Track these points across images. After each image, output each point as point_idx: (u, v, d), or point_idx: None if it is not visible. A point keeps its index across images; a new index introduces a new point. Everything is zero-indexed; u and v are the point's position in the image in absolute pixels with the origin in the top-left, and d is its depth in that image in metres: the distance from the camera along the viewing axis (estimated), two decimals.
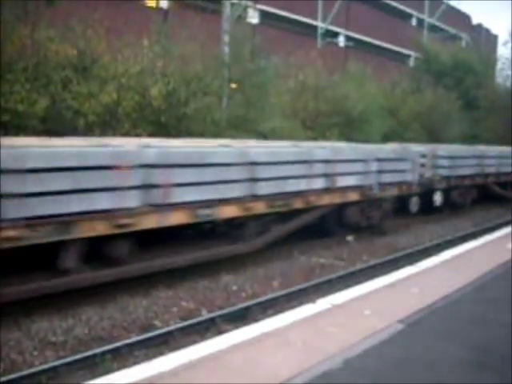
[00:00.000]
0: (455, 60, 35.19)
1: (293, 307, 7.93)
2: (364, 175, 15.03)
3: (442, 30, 47.13)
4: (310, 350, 5.49)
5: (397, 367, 5.17)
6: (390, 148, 17.94)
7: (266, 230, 12.64)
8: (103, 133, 14.04)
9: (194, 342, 7.19)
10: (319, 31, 34.44)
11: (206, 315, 9.26)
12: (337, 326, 6.17)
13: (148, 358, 6.89)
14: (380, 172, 15.67)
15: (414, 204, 18.72)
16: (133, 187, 9.58)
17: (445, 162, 19.69)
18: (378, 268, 12.28)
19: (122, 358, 7.60)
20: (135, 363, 6.34)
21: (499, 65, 41.12)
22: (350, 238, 15.36)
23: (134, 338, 8.14)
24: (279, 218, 12.89)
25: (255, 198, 11.86)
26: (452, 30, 47.93)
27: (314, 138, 19.93)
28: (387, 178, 16.03)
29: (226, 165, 11.19)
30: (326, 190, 13.85)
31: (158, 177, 9.96)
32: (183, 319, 9.07)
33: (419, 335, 6.02)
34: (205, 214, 10.82)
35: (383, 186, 15.84)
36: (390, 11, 41.83)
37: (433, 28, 46.04)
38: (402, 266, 10.06)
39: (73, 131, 13.33)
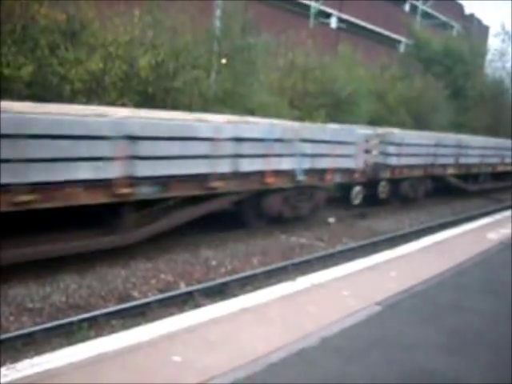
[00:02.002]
0: (446, 48, 35.15)
1: (272, 284, 7.97)
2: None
3: (434, 17, 46.98)
4: (288, 327, 5.52)
5: (372, 347, 5.22)
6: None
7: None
8: (89, 101, 13.86)
9: (172, 314, 7.20)
10: (312, 11, 34.16)
11: (184, 288, 9.27)
12: (315, 304, 6.20)
13: (125, 327, 6.88)
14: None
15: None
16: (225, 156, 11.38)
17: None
18: (357, 250, 12.35)
19: (99, 326, 7.60)
20: (112, 332, 6.33)
21: (489, 56, 41.26)
22: (331, 219, 15.42)
23: (112, 308, 8.14)
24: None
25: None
26: (444, 18, 47.86)
27: (301, 118, 19.84)
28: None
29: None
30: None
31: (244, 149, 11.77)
32: (161, 291, 9.08)
33: (396, 317, 6.08)
34: None
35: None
36: None
37: (425, 15, 45.85)
38: (382, 250, 10.13)
39: (58, 98, 13.15)
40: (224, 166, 11.56)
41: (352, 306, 6.22)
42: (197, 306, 8.05)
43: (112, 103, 14.15)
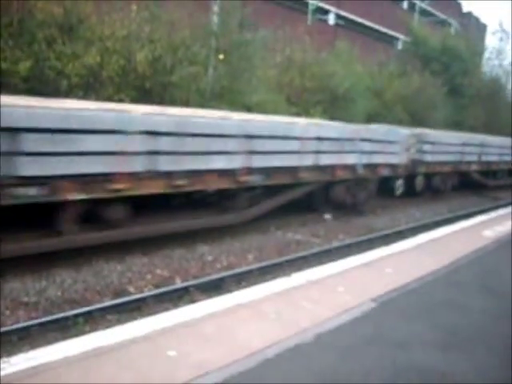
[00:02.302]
0: (443, 45, 35.16)
1: (267, 280, 7.99)
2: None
3: (432, 15, 46.99)
4: (283, 323, 5.53)
5: (367, 344, 5.23)
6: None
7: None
8: (86, 96, 13.84)
9: (167, 309, 7.21)
10: (310, 7, 34.14)
11: (180, 284, 9.28)
12: (311, 300, 6.21)
13: (120, 322, 6.89)
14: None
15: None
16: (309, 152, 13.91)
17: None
18: (353, 247, 12.37)
19: (95, 321, 7.61)
20: (108, 327, 6.33)
21: (487, 54, 41.28)
22: (327, 216, 15.43)
23: (108, 303, 8.15)
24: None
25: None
26: (442, 16, 47.87)
27: (298, 114, 19.85)
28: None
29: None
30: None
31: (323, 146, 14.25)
32: (157, 286, 9.09)
33: (391, 314, 6.09)
34: None
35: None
36: None
37: (423, 12, 45.86)
38: (378, 247, 10.15)
39: (55, 92, 13.13)
40: (308, 160, 13.93)
41: (347, 303, 6.23)
42: (192, 301, 8.05)
43: (109, 98, 14.13)
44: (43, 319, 7.36)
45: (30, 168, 8.38)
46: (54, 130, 8.57)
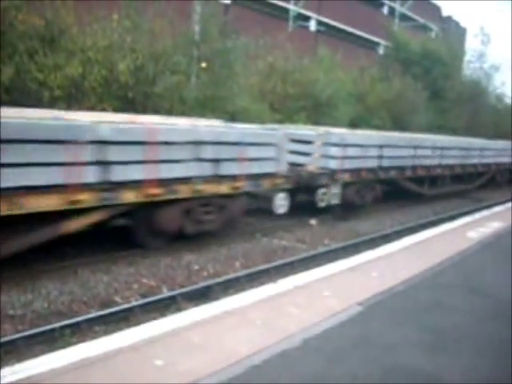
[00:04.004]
0: (424, 49, 35.46)
1: (254, 287, 7.99)
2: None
3: (412, 19, 47.38)
4: (270, 328, 5.55)
5: (354, 348, 5.26)
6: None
7: None
8: (68, 106, 13.81)
9: (154, 318, 7.20)
10: (291, 14, 34.32)
11: (166, 293, 9.26)
12: (297, 306, 6.23)
13: (108, 333, 6.86)
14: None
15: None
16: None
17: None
18: (339, 252, 12.41)
19: (82, 333, 7.56)
20: (95, 338, 6.31)
21: (467, 57, 41.67)
22: (313, 221, 15.48)
23: (94, 314, 8.10)
24: None
25: None
26: (422, 21, 48.26)
27: (281, 121, 19.93)
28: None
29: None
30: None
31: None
32: (144, 296, 9.06)
33: (377, 317, 6.13)
34: None
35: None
36: None
37: (403, 17, 46.25)
38: (363, 251, 10.19)
39: (38, 103, 13.08)
40: (370, 163, 17.15)
41: (334, 307, 6.26)
42: (179, 310, 8.04)
43: (92, 108, 14.11)
44: (30, 332, 7.31)
45: None
46: None
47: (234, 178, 12.32)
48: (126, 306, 8.49)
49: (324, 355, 5.05)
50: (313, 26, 37.06)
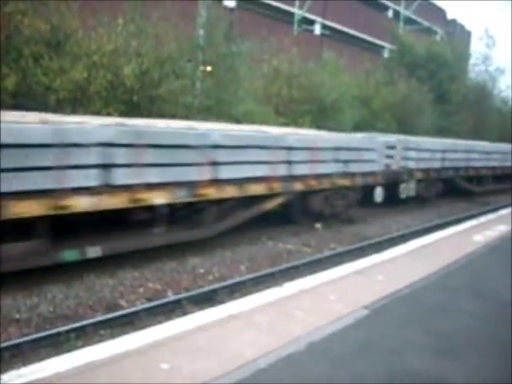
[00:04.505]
0: (429, 53, 35.43)
1: (259, 291, 7.97)
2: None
3: (417, 22, 47.36)
4: (276, 332, 5.53)
5: (360, 351, 5.24)
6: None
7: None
8: (74, 110, 13.84)
9: (160, 322, 7.18)
10: (296, 18, 34.33)
11: (172, 296, 9.26)
12: (303, 309, 6.22)
13: (113, 337, 6.86)
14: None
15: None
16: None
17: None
18: (344, 255, 12.39)
19: (87, 336, 7.57)
20: (100, 342, 6.30)
21: (472, 60, 41.62)
22: (318, 225, 15.46)
23: (100, 317, 8.11)
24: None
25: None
26: (427, 24, 48.22)
27: (287, 124, 19.93)
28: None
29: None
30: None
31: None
32: (149, 300, 9.06)
33: (383, 321, 6.11)
34: None
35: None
36: (366, 2, 41.84)
37: (408, 21, 46.22)
38: (369, 254, 10.17)
39: (43, 107, 13.11)
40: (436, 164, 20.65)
41: (339, 311, 6.24)
42: (185, 313, 8.02)
43: (97, 112, 14.14)
44: (35, 335, 7.32)
45: None
46: None
47: (353, 174, 16.39)
48: (131, 309, 8.50)
49: (329, 359, 5.03)
50: (317, 29, 37.06)
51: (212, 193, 11.65)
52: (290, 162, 13.79)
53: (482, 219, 14.47)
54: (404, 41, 36.63)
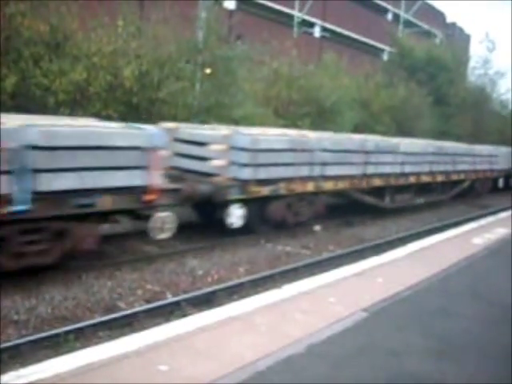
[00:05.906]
0: (429, 56, 35.43)
1: (258, 293, 7.97)
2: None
3: (416, 26, 47.38)
4: (275, 334, 5.52)
5: (359, 354, 5.24)
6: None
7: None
8: (73, 112, 13.83)
9: (159, 324, 7.17)
10: (295, 20, 34.35)
11: (170, 298, 9.24)
12: (302, 312, 6.21)
13: (112, 338, 6.84)
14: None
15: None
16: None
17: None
18: (344, 258, 12.36)
19: (86, 338, 7.53)
20: (99, 343, 6.30)
21: (472, 63, 41.62)
22: (317, 227, 15.44)
23: (98, 319, 8.08)
24: None
25: None
26: (426, 27, 48.23)
27: (286, 127, 19.91)
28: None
29: None
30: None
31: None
32: (148, 301, 9.03)
33: (383, 324, 6.10)
34: None
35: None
36: (366, 5, 41.91)
37: (408, 24, 46.25)
38: (368, 257, 10.16)
39: (42, 109, 13.11)
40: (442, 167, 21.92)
41: (339, 313, 6.24)
42: (184, 315, 8.01)
43: (96, 114, 14.12)
44: (34, 337, 7.29)
45: None
46: None
47: (388, 175, 18.30)
48: (130, 311, 8.47)
49: (329, 361, 5.02)
50: (317, 32, 37.05)
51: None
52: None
53: (482, 222, 14.47)
54: (403, 44, 36.63)
